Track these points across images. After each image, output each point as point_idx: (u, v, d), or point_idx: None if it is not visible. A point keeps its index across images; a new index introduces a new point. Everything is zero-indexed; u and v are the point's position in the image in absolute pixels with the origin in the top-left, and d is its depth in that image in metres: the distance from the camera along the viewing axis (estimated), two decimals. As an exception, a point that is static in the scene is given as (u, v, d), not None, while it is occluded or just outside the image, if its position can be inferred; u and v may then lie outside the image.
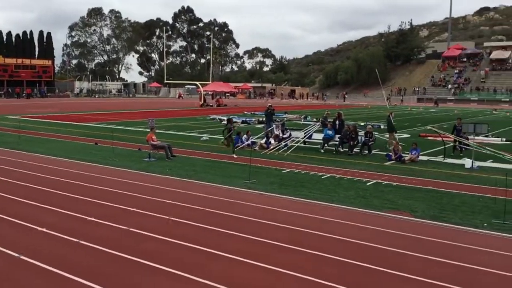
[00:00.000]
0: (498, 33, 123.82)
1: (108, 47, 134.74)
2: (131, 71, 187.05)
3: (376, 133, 21.64)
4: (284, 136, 20.40)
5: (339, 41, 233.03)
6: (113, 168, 14.85)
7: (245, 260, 7.04)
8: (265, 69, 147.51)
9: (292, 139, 19.89)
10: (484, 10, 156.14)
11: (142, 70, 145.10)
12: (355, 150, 18.72)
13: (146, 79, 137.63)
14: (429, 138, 23.62)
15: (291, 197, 11.29)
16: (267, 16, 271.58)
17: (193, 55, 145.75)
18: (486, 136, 22.97)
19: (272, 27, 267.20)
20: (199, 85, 66.29)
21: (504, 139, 23.17)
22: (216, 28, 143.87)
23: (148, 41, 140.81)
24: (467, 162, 15.88)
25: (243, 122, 32.74)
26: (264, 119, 26.22)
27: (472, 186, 12.69)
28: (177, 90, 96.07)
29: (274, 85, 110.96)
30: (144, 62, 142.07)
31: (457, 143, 18.67)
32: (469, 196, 11.58)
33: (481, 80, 75.09)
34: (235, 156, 17.13)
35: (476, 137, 18.06)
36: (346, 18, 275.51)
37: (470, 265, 7.03)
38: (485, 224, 9.26)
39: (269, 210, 10.07)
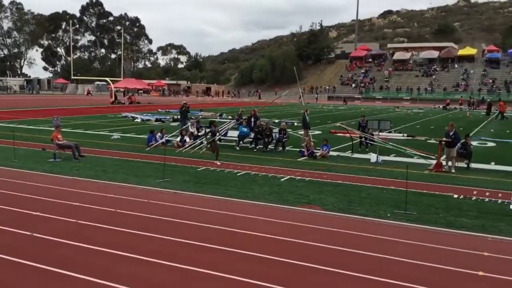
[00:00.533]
0: (400, 35, 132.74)
1: (8, 41, 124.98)
2: (35, 66, 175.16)
3: (289, 130, 22.20)
4: (199, 133, 20.26)
5: (254, 40, 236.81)
6: (15, 170, 13.81)
7: (159, 261, 6.87)
8: (180, 66, 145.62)
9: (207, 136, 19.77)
10: (387, 13, 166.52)
11: (47, 66, 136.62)
12: (269, 147, 19.07)
13: (51, 75, 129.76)
14: (339, 134, 24.71)
15: (206, 195, 11.22)
16: (181, 12, 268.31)
17: (103, 50, 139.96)
18: (389, 132, 24.50)
19: (186, 23, 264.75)
20: (110, 81, 63.78)
21: (405, 134, 24.85)
22: (127, 23, 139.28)
23: (53, 35, 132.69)
24: (372, 157, 16.83)
25: (157, 120, 32.04)
26: (178, 117, 25.84)
27: (377, 179, 13.46)
28: (86, 86, 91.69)
29: (189, 82, 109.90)
30: (49, 57, 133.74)
31: (363, 138, 19.71)
32: (374, 189, 12.27)
33: (385, 79, 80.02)
34: (218, 163, 15.56)
35: (380, 133, 19.19)
36: (260, 17, 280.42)
37: (376, 254, 7.43)
38: (388, 214, 9.86)
39: (184, 209, 9.93)
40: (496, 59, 76.40)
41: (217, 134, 17.95)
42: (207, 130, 19.00)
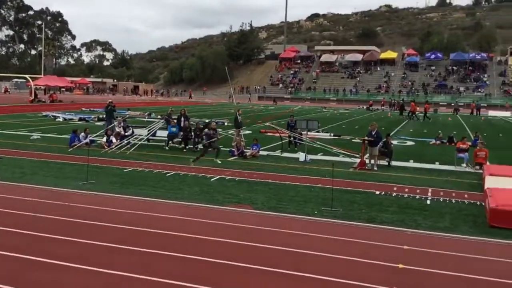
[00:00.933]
0: (327, 38, 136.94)
1: None
2: None
3: (220, 130, 22.13)
4: (126, 133, 19.66)
5: (184, 38, 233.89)
6: None
7: (79, 266, 6.55)
8: (106, 63, 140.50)
9: (135, 136, 19.25)
10: (315, 16, 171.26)
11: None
12: (199, 146, 18.89)
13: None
14: (269, 134, 25.01)
15: (132, 196, 10.89)
16: (107, 8, 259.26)
17: (22, 46, 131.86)
18: (317, 132, 25.17)
19: (113, 19, 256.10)
20: (29, 78, 60.25)
21: (332, 134, 25.66)
22: (48, 18, 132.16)
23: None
24: (301, 156, 17.21)
25: (80, 119, 30.70)
26: (104, 116, 24.89)
27: (306, 178, 13.78)
28: (3, 84, 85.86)
29: (115, 80, 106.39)
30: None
31: (292, 138, 20.09)
32: (302, 187, 12.53)
33: (313, 80, 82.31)
34: (219, 161, 15.79)
35: (308, 133, 19.66)
36: (189, 16, 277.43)
37: (303, 250, 7.57)
38: (315, 212, 10.11)
39: (108, 211, 9.56)
40: (415, 63, 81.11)
41: (215, 139, 16.52)
42: (203, 132, 17.68)
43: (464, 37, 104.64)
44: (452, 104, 57.01)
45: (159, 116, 25.71)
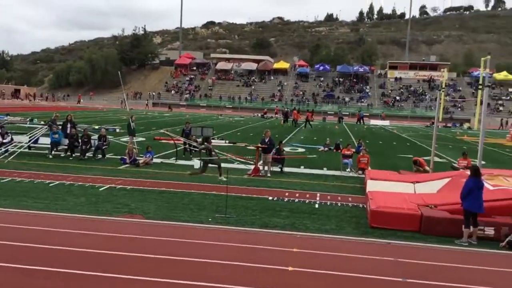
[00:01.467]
0: (223, 46, 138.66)
1: None
2: None
3: (111, 137, 21.22)
4: (4, 141, 17.99)
5: (71, 40, 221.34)
6: None
7: None
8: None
9: (14, 144, 17.70)
10: (210, 24, 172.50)
11: None
12: (88, 154, 17.92)
13: None
14: (163, 141, 24.50)
15: (10, 209, 9.96)
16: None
17: None
18: (213, 139, 25.20)
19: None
20: None
21: (227, 141, 25.86)
22: None
23: None
24: (196, 163, 17.08)
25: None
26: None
27: (200, 185, 13.68)
28: None
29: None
30: None
31: (187, 145, 19.89)
32: (197, 194, 12.44)
33: (209, 88, 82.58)
34: (224, 178, 14.02)
35: (203, 140, 19.58)
36: (78, 17, 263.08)
37: (196, 259, 7.48)
38: (210, 219, 10.08)
39: (-19, 227, 8.63)
40: (305, 73, 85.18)
41: (213, 152, 15.41)
42: (201, 146, 16.37)
43: (349, 51, 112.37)
44: (337, 113, 60.66)
45: (42, 122, 23.95)
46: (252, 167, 16.56)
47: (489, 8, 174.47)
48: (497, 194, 10.73)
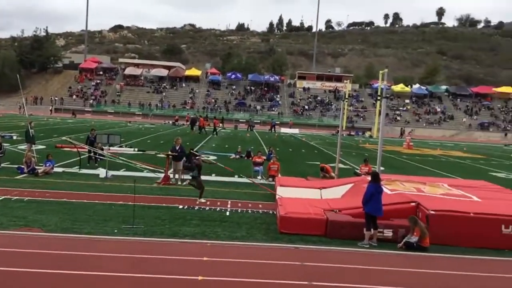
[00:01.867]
0: (131, 51, 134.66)
1: None
2: None
3: (7, 144, 19.65)
4: None
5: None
6: None
7: None
8: None
9: None
10: (118, 28, 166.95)
11: None
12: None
13: None
14: (65, 149, 23.17)
15: None
16: None
17: None
18: (120, 147, 24.33)
19: None
20: None
21: (136, 149, 25.07)
22: None
23: None
24: (102, 172, 16.35)
25: None
26: None
27: (106, 195, 13.09)
28: None
29: None
30: None
31: (92, 153, 18.99)
32: (102, 205, 11.88)
33: (117, 94, 79.68)
34: (203, 200, 13.08)
35: (111, 147, 18.84)
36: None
37: (95, 272, 7.11)
38: (115, 230, 9.66)
39: None
40: (217, 81, 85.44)
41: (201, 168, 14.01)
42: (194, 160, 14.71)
43: (260, 60, 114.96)
44: (247, 121, 61.46)
45: None
46: (162, 175, 16.19)
47: (388, 25, 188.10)
48: (394, 198, 11.50)
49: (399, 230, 10.15)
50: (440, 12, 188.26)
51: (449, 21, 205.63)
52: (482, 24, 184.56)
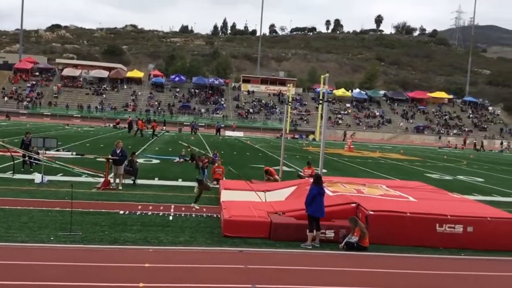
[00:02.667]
0: (70, 51, 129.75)
1: None
2: None
3: None
4: None
5: None
6: None
7: None
8: None
9: None
10: (56, 27, 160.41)
11: None
12: None
13: None
14: (-2, 153, 21.90)
15: None
16: None
17: None
18: (57, 151, 23.33)
19: None
20: None
21: (74, 152, 24.13)
22: None
23: None
24: (37, 177, 15.59)
25: None
26: None
27: (41, 201, 12.49)
28: None
29: None
30: None
31: (27, 157, 18.08)
32: (37, 211, 11.32)
33: (54, 95, 76.46)
34: (197, 207, 12.97)
35: (47, 151, 17.99)
36: None
37: (37, 283, 6.75)
38: (52, 238, 9.22)
39: None
40: (160, 84, 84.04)
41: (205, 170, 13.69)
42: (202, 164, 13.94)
43: (204, 63, 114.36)
44: (191, 124, 60.82)
45: None
46: (102, 180, 15.67)
47: (329, 31, 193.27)
48: (336, 200, 11.77)
49: (340, 231, 10.39)
50: (379, 20, 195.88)
51: (387, 28, 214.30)
52: (417, 32, 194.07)
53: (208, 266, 8.16)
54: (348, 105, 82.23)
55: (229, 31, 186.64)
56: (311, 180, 12.18)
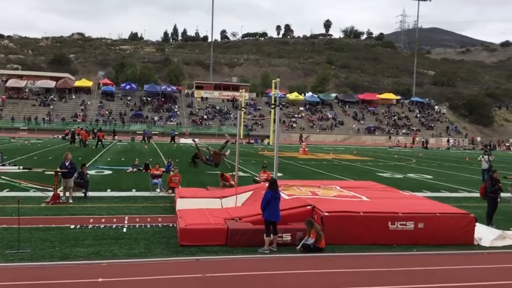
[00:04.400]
0: (14, 61, 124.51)
1: None
2: None
3: None
4: None
5: None
6: None
7: None
8: None
9: None
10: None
11: None
12: None
13: None
14: None
15: None
16: None
17: None
18: (3, 165, 22.33)
19: None
20: None
21: (21, 167, 23.16)
22: None
23: None
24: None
25: None
26: None
27: (-14, 219, 11.86)
28: None
29: None
30: None
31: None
32: (-19, 231, 10.73)
33: (-1, 108, 73.32)
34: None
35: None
36: None
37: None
38: (-3, 257, 8.77)
39: None
40: (111, 92, 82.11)
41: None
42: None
43: (156, 70, 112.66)
44: (143, 132, 59.75)
45: None
46: (51, 194, 15.08)
47: (280, 36, 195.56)
48: (291, 203, 11.86)
49: (297, 234, 10.45)
50: (327, 24, 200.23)
51: (336, 33, 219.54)
52: (365, 36, 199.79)
53: (165, 277, 8.00)
54: (301, 108, 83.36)
55: (180, 38, 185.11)
56: (267, 184, 12.22)
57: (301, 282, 8.14)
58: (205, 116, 77.23)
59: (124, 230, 11.37)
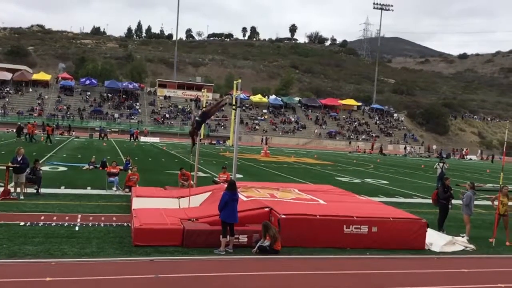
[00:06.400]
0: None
1: None
2: None
3: None
4: None
5: None
6: None
7: None
8: None
9: None
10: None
11: None
12: None
13: None
14: None
15: None
16: None
17: None
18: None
19: None
20: None
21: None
22: None
23: None
24: None
25: None
26: None
27: None
28: None
29: None
30: None
31: None
32: None
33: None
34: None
35: None
36: None
37: None
38: None
39: None
40: (70, 87, 79.85)
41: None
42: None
43: (118, 66, 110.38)
44: (100, 129, 58.23)
45: None
46: (1, 189, 14.48)
47: (246, 38, 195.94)
48: (249, 205, 11.85)
49: (254, 235, 10.45)
50: (293, 29, 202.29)
51: (301, 37, 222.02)
52: (329, 42, 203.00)
53: (116, 277, 7.82)
54: (264, 110, 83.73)
55: (144, 35, 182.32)
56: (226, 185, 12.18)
57: (256, 283, 8.14)
58: (167, 115, 76.33)
59: (77, 228, 11.05)
